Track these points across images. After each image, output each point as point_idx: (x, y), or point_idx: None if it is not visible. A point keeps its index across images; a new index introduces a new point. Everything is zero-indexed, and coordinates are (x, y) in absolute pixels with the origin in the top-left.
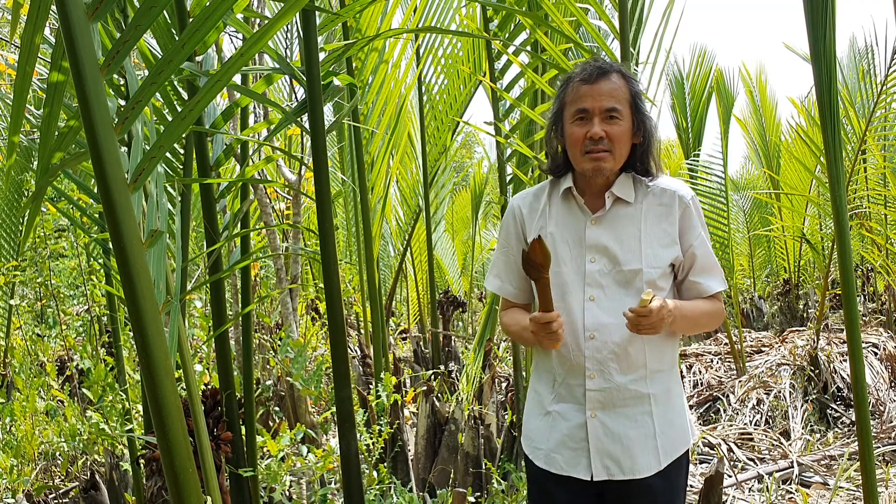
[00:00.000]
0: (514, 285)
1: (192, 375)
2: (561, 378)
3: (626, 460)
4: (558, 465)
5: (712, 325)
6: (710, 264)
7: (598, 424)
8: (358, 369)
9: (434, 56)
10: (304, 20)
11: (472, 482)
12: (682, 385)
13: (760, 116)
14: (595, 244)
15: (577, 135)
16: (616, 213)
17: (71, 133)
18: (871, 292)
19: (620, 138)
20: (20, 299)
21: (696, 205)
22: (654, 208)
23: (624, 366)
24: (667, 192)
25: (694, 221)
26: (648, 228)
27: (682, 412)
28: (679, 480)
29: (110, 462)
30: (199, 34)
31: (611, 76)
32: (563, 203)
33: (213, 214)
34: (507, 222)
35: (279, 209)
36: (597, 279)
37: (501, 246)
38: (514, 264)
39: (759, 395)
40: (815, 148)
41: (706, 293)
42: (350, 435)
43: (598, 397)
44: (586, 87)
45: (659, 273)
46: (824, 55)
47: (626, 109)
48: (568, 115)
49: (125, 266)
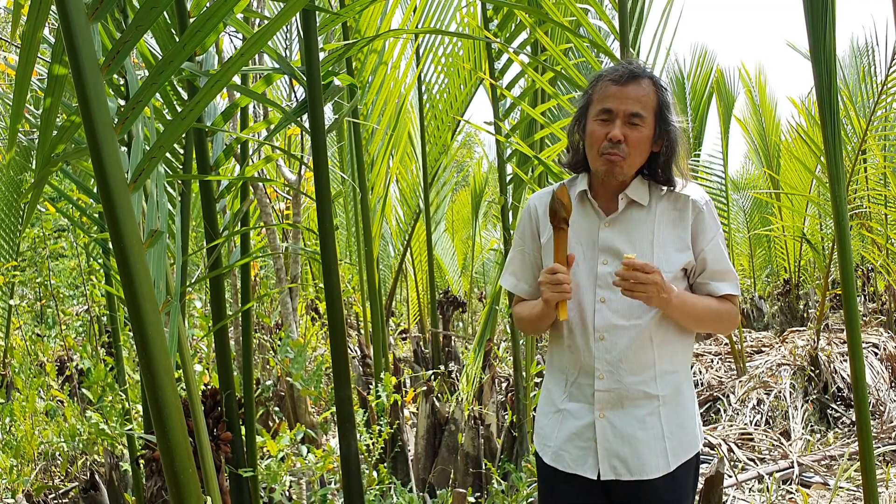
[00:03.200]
0: (530, 283)
1: (191, 375)
2: (573, 377)
3: (633, 461)
4: (565, 463)
5: (721, 325)
6: (723, 270)
7: (607, 424)
8: (358, 369)
9: (434, 55)
10: (304, 20)
11: (472, 482)
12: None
13: (760, 116)
14: (608, 246)
15: (597, 134)
16: (629, 216)
17: (72, 127)
18: (872, 292)
19: (639, 145)
20: (20, 299)
21: (710, 209)
22: (668, 213)
23: (633, 367)
24: (681, 198)
25: (706, 226)
26: (662, 232)
27: (693, 415)
28: (687, 484)
29: (110, 462)
30: (200, 35)
31: (641, 81)
32: (578, 205)
33: (212, 214)
34: (524, 221)
35: (279, 209)
36: (608, 281)
37: (517, 245)
38: (530, 263)
39: (760, 396)
40: (816, 147)
41: (715, 294)
42: (350, 435)
43: (607, 397)
44: (615, 87)
45: (671, 277)
46: (824, 55)
47: (650, 116)
48: (592, 113)
49: (125, 266)
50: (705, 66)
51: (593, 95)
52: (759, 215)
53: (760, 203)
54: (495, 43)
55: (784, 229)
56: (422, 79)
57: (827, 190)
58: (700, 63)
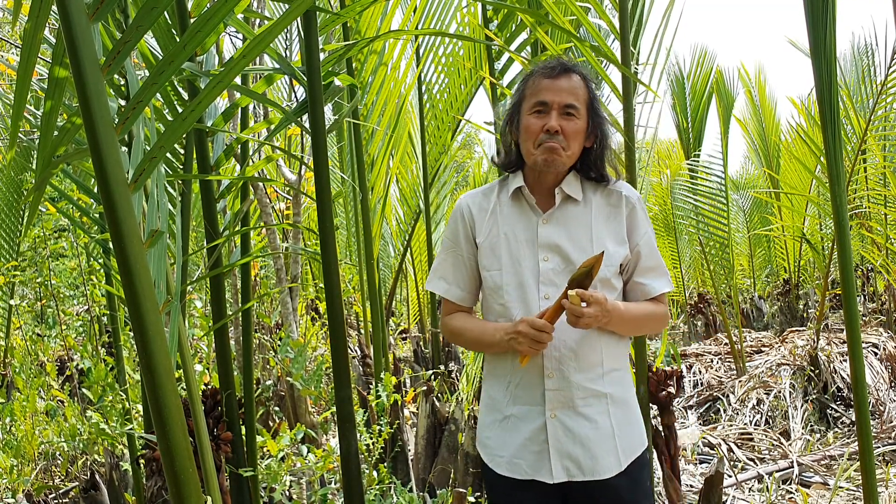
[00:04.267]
0: (462, 287)
1: (192, 375)
2: (517, 380)
3: (586, 461)
4: (522, 471)
5: (656, 327)
6: (655, 264)
7: (558, 425)
8: (358, 369)
9: (434, 55)
10: (304, 21)
11: (472, 482)
12: (683, 387)
13: (760, 116)
14: (547, 243)
15: (534, 126)
16: (566, 212)
17: (73, 129)
18: (871, 292)
19: (575, 136)
20: (20, 299)
21: (641, 205)
22: (602, 208)
23: (581, 364)
24: (614, 193)
25: (639, 221)
26: (599, 227)
27: (637, 412)
28: (643, 480)
29: (110, 462)
30: (201, 35)
31: (572, 75)
32: (513, 203)
33: (213, 214)
34: (456, 223)
35: (279, 209)
36: (550, 277)
37: (447, 248)
38: (463, 266)
39: (759, 395)
40: (816, 147)
41: (651, 294)
42: (350, 435)
43: (558, 397)
44: (548, 80)
45: (613, 271)
46: (825, 54)
47: (583, 109)
48: (526, 108)
49: (126, 266)
50: (705, 66)
51: (525, 91)
52: (759, 215)
53: (760, 203)
54: (495, 43)
55: (784, 229)
56: (422, 79)
57: (827, 190)
58: (700, 63)
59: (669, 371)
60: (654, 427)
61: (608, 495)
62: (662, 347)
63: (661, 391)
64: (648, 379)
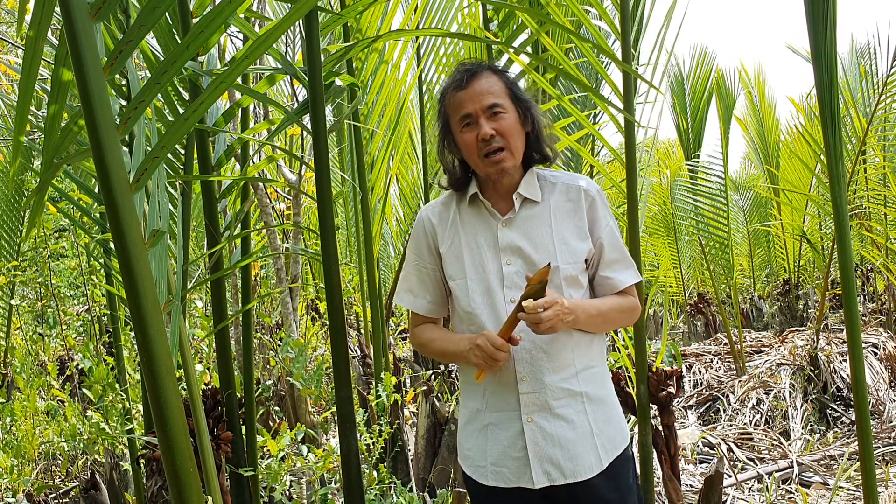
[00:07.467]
0: (429, 299)
1: (192, 375)
2: (492, 387)
3: (566, 463)
4: (506, 479)
5: (627, 320)
6: (619, 256)
7: (536, 429)
8: (358, 369)
9: (435, 55)
10: (306, 21)
11: None
12: (683, 387)
13: (760, 116)
14: (508, 246)
15: (469, 141)
16: (525, 214)
17: (76, 130)
18: (871, 292)
19: (511, 132)
20: (20, 299)
21: (602, 197)
22: (562, 205)
23: (554, 364)
24: (572, 188)
25: (600, 214)
26: (559, 225)
27: (617, 408)
28: (626, 478)
29: (110, 462)
30: (204, 35)
31: (481, 75)
32: (471, 210)
33: (214, 214)
34: (418, 235)
35: (279, 209)
36: (515, 281)
37: (412, 260)
38: (428, 278)
39: (759, 395)
40: (816, 147)
41: (618, 288)
42: (350, 435)
43: (533, 400)
44: (462, 92)
45: (578, 269)
46: (825, 54)
47: (507, 102)
48: (454, 126)
49: (127, 266)
50: (705, 67)
51: (448, 111)
52: (759, 216)
53: (760, 203)
54: (496, 43)
55: (783, 227)
56: (422, 78)
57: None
58: (700, 64)
59: (669, 371)
60: (654, 427)
61: (593, 495)
62: (662, 347)
63: (661, 391)
64: (648, 379)
